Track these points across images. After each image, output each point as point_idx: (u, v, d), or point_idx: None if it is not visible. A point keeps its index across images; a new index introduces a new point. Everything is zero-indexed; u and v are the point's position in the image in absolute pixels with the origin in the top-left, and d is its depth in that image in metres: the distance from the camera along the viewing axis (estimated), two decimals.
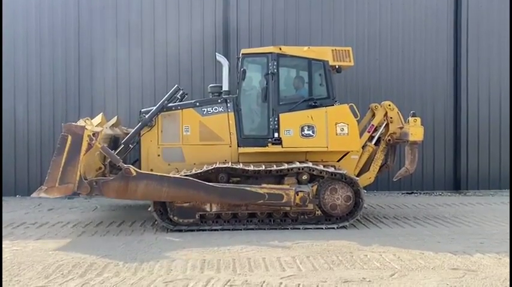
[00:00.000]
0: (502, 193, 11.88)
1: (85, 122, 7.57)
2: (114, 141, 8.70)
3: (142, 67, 11.73)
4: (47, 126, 11.60)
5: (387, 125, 8.70)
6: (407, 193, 11.98)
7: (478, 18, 12.29)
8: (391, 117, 8.68)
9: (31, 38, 11.62)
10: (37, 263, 5.61)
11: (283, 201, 7.35)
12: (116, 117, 9.50)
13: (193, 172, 7.57)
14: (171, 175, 7.39)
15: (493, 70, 12.32)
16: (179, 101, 8.85)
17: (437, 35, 12.25)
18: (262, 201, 7.33)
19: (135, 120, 10.53)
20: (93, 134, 7.04)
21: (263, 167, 7.62)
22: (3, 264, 5.57)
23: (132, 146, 8.47)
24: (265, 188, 7.37)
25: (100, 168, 7.87)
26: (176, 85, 8.67)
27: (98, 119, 8.28)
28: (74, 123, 7.20)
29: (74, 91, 11.65)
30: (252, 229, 7.49)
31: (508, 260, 5.68)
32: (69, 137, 6.93)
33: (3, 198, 10.99)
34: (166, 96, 8.36)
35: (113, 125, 9.07)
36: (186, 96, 9.13)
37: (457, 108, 12.30)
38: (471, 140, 12.26)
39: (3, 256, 5.93)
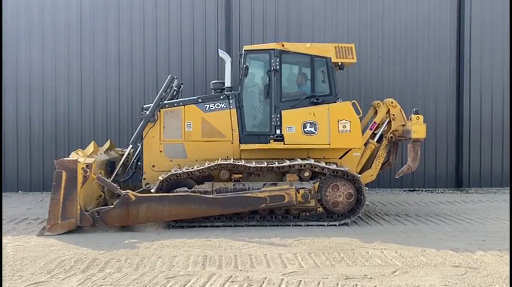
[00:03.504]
0: (504, 190, 11.85)
1: (77, 154, 7.61)
2: (110, 165, 8.73)
3: (144, 64, 11.73)
4: (49, 121, 11.62)
5: (389, 122, 8.68)
6: (409, 190, 11.97)
7: (481, 15, 12.23)
8: (393, 115, 8.66)
9: (33, 34, 11.62)
10: (39, 259, 5.63)
11: (285, 201, 7.37)
12: (108, 141, 9.54)
13: (195, 168, 7.58)
14: (170, 193, 7.36)
15: (496, 68, 12.26)
16: (176, 92, 8.86)
17: (440, 32, 12.21)
18: (264, 205, 7.36)
19: (139, 109, 10.61)
20: (87, 166, 7.06)
21: (265, 164, 7.62)
22: (6, 259, 5.58)
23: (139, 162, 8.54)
24: (265, 192, 7.38)
25: (100, 196, 7.91)
26: (170, 75, 8.68)
27: (90, 148, 8.32)
28: (66, 159, 7.24)
29: (76, 87, 11.66)
30: (254, 226, 7.50)
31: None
32: (64, 173, 6.96)
33: (6, 193, 11.03)
34: (162, 87, 8.40)
35: (107, 149, 9.10)
36: (182, 86, 9.14)
37: (459, 106, 12.26)
38: (473, 138, 12.23)
39: (6, 251, 5.95)
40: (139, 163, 8.63)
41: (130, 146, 8.51)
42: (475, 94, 12.24)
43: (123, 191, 7.20)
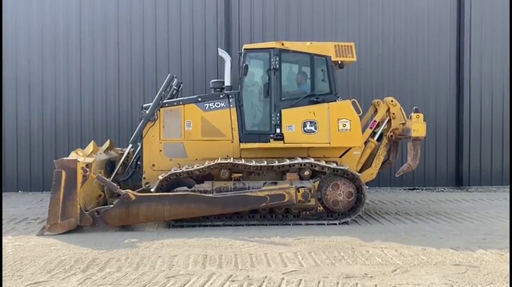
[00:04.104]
0: (504, 189, 11.86)
1: (77, 153, 7.59)
2: (110, 165, 8.73)
3: (144, 63, 11.71)
4: (48, 121, 11.61)
5: (389, 121, 8.67)
6: (409, 189, 11.97)
7: (481, 13, 12.23)
8: (393, 113, 8.65)
9: (33, 34, 11.61)
10: (39, 258, 5.62)
11: (285, 200, 7.36)
12: (108, 140, 9.54)
13: (195, 167, 7.57)
14: (170, 193, 7.36)
15: (496, 66, 12.27)
16: (176, 91, 8.84)
17: (440, 30, 12.21)
18: (264, 204, 7.35)
19: (139, 109, 10.60)
20: (87, 166, 7.04)
21: (265, 163, 7.61)
22: (6, 259, 5.58)
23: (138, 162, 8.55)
24: (265, 191, 7.37)
25: (100, 195, 7.91)
26: (170, 74, 8.66)
27: (90, 147, 8.32)
28: (66, 159, 7.22)
29: (75, 87, 11.65)
30: (254, 225, 7.49)
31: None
32: (64, 173, 6.94)
33: (5, 193, 11.03)
34: (162, 86, 8.39)
35: (106, 148, 9.11)
36: (182, 85, 9.13)
37: (459, 104, 12.26)
38: (473, 136, 12.24)
39: (6, 251, 5.94)
40: (139, 163, 8.63)
41: (130, 145, 8.50)
42: (475, 92, 12.24)
43: (122, 191, 7.19)
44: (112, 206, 7.16)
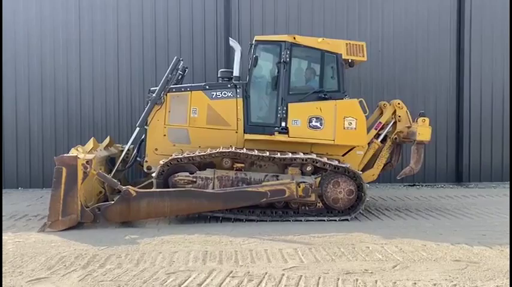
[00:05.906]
0: (504, 185, 11.86)
1: (77, 150, 7.58)
2: (110, 161, 8.74)
3: (143, 62, 11.67)
4: (48, 117, 11.59)
5: (395, 123, 8.66)
6: (409, 185, 11.98)
7: (481, 12, 12.19)
8: (399, 116, 8.64)
9: (32, 28, 11.57)
10: (40, 255, 5.62)
11: (286, 195, 7.38)
12: (108, 137, 9.52)
13: (197, 153, 7.55)
14: (171, 189, 7.34)
15: (496, 63, 12.24)
16: (181, 76, 8.80)
17: (440, 28, 12.17)
18: (265, 199, 7.36)
19: (138, 106, 10.57)
20: (87, 162, 7.02)
21: (267, 153, 7.60)
22: (6, 256, 5.58)
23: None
24: (266, 186, 7.38)
25: (100, 192, 7.93)
26: (176, 57, 8.62)
27: (90, 144, 8.31)
28: (66, 155, 7.20)
29: (75, 83, 11.63)
30: (254, 221, 7.50)
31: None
32: (64, 169, 6.91)
33: (5, 190, 11.03)
34: (168, 69, 8.36)
35: (106, 145, 9.10)
36: (187, 70, 9.12)
37: (459, 101, 12.24)
38: (473, 133, 12.23)
39: (6, 248, 5.95)
40: (138, 159, 8.63)
41: (130, 142, 8.49)
42: (475, 88, 12.23)
43: (123, 187, 7.19)
44: (113, 202, 7.17)
